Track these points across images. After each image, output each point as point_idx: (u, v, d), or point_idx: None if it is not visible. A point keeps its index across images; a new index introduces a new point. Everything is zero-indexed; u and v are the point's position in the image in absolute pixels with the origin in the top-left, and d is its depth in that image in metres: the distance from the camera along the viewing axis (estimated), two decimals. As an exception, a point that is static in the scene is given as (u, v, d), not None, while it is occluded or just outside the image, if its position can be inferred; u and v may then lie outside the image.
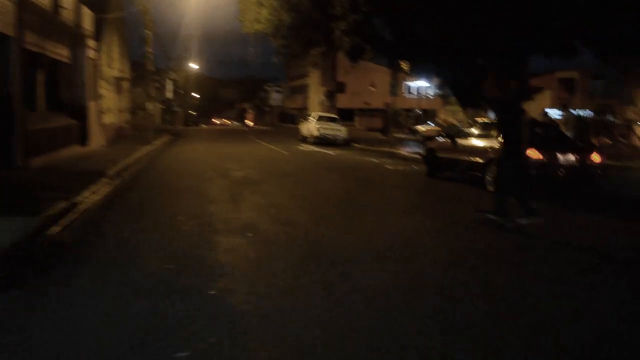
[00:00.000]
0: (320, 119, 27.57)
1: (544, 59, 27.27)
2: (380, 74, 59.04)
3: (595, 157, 10.15)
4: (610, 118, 32.61)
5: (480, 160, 10.49)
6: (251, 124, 64.75)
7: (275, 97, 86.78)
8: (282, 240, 5.98)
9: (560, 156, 9.50)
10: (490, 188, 9.84)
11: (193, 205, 8.03)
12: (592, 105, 46.20)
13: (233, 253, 5.44)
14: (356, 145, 25.26)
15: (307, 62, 57.48)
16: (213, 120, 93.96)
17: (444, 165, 12.29)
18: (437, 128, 34.29)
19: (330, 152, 21.09)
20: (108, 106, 25.06)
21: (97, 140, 18.20)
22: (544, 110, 51.72)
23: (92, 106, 17.81)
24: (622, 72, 35.84)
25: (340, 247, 5.73)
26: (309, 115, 28.86)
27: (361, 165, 16.44)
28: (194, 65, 58.91)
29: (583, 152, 10.15)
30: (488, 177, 10.11)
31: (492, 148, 10.22)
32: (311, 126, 26.62)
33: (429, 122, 48.52)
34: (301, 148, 22.84)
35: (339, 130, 26.04)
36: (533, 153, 9.19)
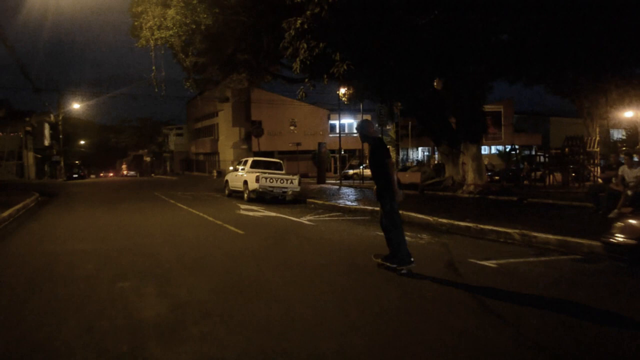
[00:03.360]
0: (255, 164, 19.88)
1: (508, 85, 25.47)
2: (300, 111, 52.48)
3: None
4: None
5: None
6: (125, 172, 58.98)
7: (176, 142, 77.68)
8: None
9: None
10: None
11: None
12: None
13: None
14: (314, 201, 17.73)
15: (218, 94, 49.61)
16: (101, 174, 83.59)
17: None
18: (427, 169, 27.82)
19: (300, 220, 12.96)
20: None
21: None
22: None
23: None
24: (580, 108, 33.07)
25: None
26: (240, 162, 20.96)
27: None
28: (77, 106, 48.91)
29: None
30: None
31: None
32: (247, 176, 18.82)
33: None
34: (245, 212, 14.76)
35: (289, 181, 18.44)
36: None
